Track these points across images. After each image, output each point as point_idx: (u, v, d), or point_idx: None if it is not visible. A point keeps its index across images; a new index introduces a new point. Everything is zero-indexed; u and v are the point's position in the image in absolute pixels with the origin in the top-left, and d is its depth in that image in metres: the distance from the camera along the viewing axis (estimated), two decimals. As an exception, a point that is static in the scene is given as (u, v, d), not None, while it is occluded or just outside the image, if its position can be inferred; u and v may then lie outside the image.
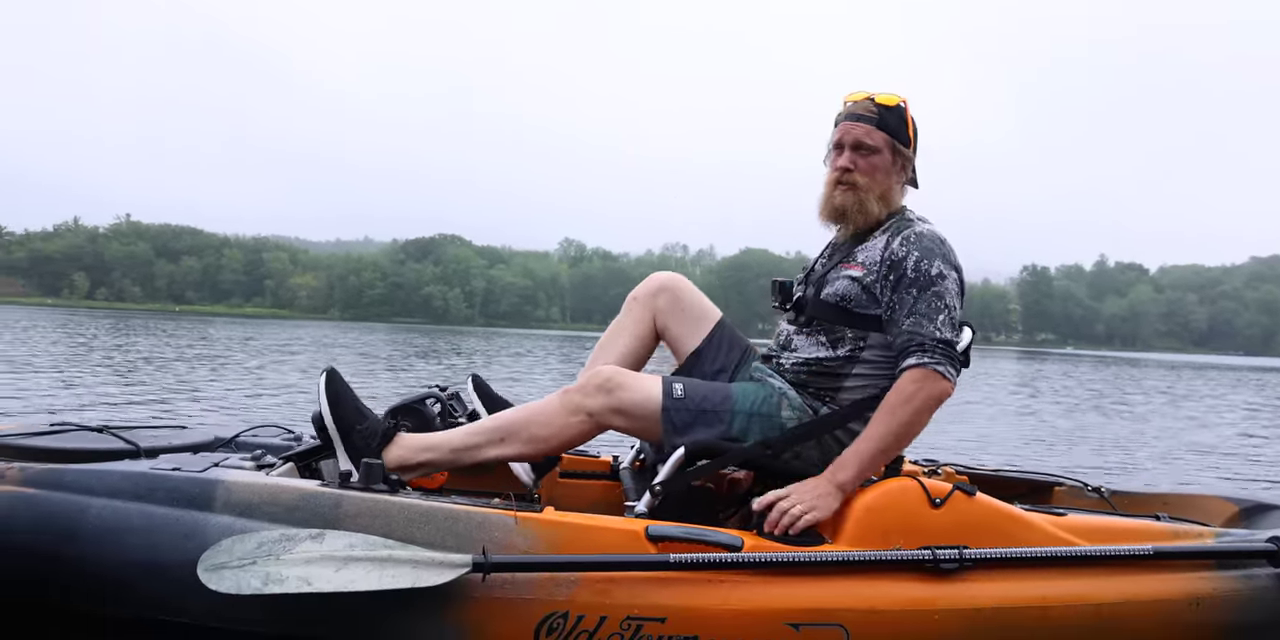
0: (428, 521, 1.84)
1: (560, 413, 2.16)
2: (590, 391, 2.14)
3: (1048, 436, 7.91)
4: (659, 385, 2.16)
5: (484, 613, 1.79)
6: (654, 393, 2.14)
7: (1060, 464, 5.87)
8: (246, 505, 1.85)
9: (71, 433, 2.44)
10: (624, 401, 2.13)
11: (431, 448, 2.15)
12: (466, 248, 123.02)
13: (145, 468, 1.94)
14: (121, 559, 1.82)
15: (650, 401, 2.14)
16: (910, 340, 2.11)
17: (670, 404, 2.13)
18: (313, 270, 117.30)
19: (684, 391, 2.16)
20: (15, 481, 1.92)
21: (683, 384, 2.18)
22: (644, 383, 2.17)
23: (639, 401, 2.13)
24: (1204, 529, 2.30)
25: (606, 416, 2.14)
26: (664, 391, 2.15)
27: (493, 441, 2.15)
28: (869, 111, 2.24)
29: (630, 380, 2.17)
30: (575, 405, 2.15)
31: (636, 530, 1.89)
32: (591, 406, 2.13)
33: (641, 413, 2.14)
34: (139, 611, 1.87)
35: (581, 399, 2.15)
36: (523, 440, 2.16)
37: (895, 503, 2.02)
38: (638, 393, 2.14)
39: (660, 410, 2.13)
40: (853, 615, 1.88)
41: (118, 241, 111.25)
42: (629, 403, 2.13)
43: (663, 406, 2.13)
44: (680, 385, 2.17)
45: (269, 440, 2.61)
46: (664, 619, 1.82)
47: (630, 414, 2.14)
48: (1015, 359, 41.79)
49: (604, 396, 2.13)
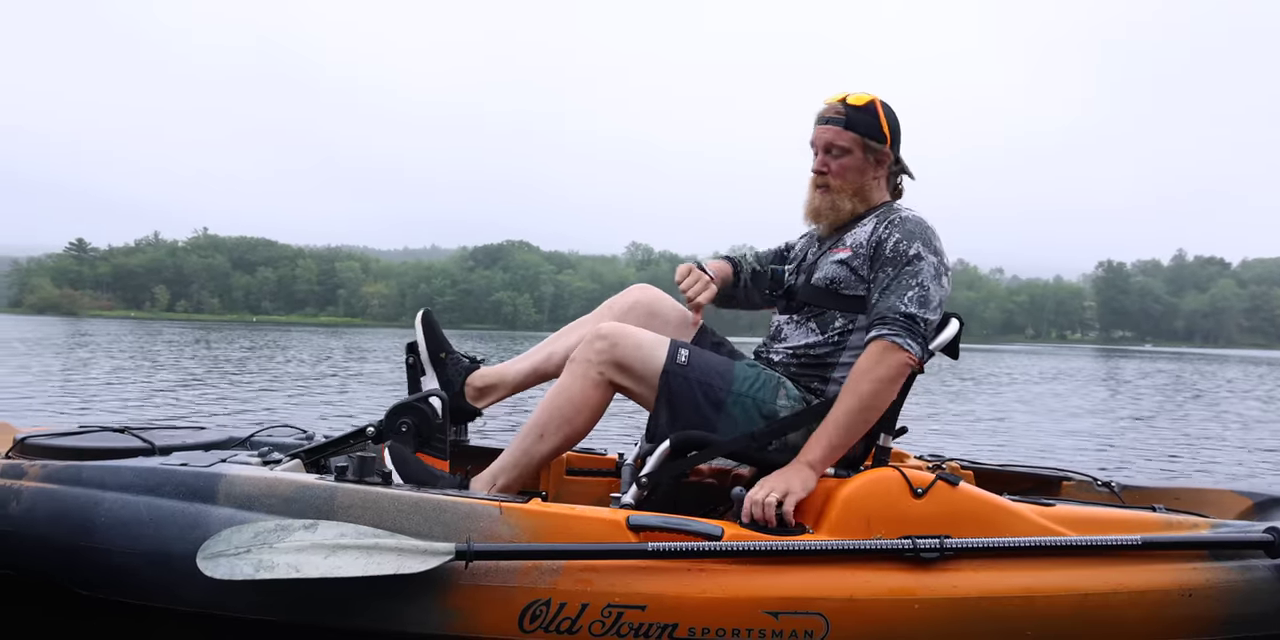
0: (417, 512, 1.92)
1: (574, 382, 2.20)
2: (596, 345, 2.18)
3: (1113, 435, 7.71)
4: (664, 347, 2.18)
5: (469, 600, 1.86)
6: (658, 352, 2.17)
7: (1115, 462, 5.75)
8: (246, 498, 1.95)
9: (95, 433, 2.58)
10: (627, 355, 2.16)
11: (498, 474, 2.23)
12: (534, 253, 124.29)
13: (155, 463, 2.06)
14: (132, 549, 1.94)
15: (653, 360, 2.16)
16: (877, 316, 2.15)
17: (672, 368, 2.16)
18: (384, 279, 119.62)
19: (688, 359, 2.18)
20: (37, 478, 2.06)
21: (689, 351, 2.20)
22: (648, 340, 2.19)
23: (642, 358, 2.16)
24: (1200, 520, 2.27)
25: (611, 371, 2.17)
26: (669, 355, 2.17)
27: (534, 440, 2.22)
28: (838, 113, 2.30)
29: (634, 335, 2.19)
30: (584, 362, 2.19)
31: (618, 520, 1.95)
32: (598, 360, 2.17)
33: (642, 371, 2.17)
34: (148, 598, 1.99)
35: (587, 354, 2.19)
36: (557, 426, 2.21)
37: (877, 492, 2.04)
38: (642, 349, 2.17)
39: (660, 373, 2.16)
40: (832, 604, 1.90)
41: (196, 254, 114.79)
42: (632, 357, 2.16)
43: (664, 369, 2.16)
44: (686, 352, 2.20)
45: (282, 439, 2.73)
46: (644, 607, 1.87)
47: (631, 370, 2.17)
48: (1091, 357, 40.68)
49: (609, 348, 2.17)
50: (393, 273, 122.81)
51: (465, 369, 2.44)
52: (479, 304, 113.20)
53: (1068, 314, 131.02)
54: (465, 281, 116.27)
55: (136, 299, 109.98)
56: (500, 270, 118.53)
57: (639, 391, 2.21)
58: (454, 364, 2.44)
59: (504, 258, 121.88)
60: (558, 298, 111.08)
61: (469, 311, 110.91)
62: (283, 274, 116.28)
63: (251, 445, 2.67)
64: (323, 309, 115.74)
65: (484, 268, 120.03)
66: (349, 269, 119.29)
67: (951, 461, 2.86)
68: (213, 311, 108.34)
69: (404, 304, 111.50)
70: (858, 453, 2.29)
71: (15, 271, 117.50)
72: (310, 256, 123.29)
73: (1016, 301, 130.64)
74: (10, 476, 2.08)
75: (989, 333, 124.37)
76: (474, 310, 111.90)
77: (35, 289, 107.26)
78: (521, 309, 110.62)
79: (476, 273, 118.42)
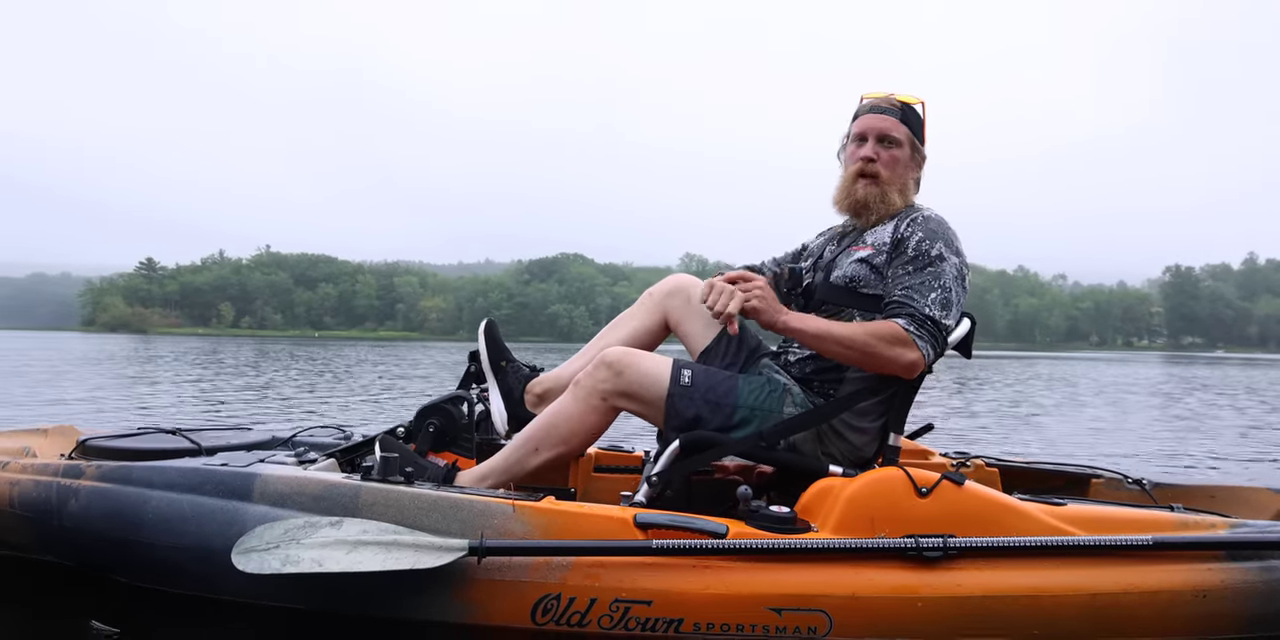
0: (435, 509, 2.03)
1: (575, 405, 2.27)
2: (599, 373, 2.24)
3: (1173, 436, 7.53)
4: (668, 370, 2.23)
5: (483, 593, 1.96)
6: (662, 376, 2.22)
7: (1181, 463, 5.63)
8: (279, 496, 2.08)
9: (149, 435, 2.75)
10: (632, 383, 2.22)
11: (487, 475, 2.32)
12: (589, 266, 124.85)
13: (198, 464, 2.21)
14: (176, 543, 2.08)
15: (657, 385, 2.22)
16: (900, 306, 2.17)
17: (676, 391, 2.21)
18: (441, 293, 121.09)
19: (691, 380, 2.24)
20: (93, 477, 2.24)
21: (691, 372, 2.26)
22: (653, 365, 2.24)
23: (646, 384, 2.22)
24: (1218, 520, 2.25)
25: (616, 399, 2.24)
26: (672, 377, 2.23)
27: (528, 453, 2.30)
28: (892, 106, 2.32)
29: (638, 361, 2.24)
30: (587, 391, 2.25)
31: (625, 517, 2.02)
32: (602, 389, 2.23)
33: (648, 396, 2.22)
34: (192, 590, 2.13)
35: (592, 383, 2.24)
36: (552, 444, 2.29)
37: (881, 492, 2.07)
38: (646, 375, 2.22)
39: (665, 396, 2.21)
40: (835, 601, 1.95)
41: (259, 271, 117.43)
42: (636, 385, 2.22)
43: (668, 393, 2.21)
44: (689, 372, 2.25)
45: (322, 439, 2.87)
46: (650, 602, 1.94)
47: (637, 396, 2.23)
48: (1160, 363, 39.62)
49: (612, 377, 2.22)
50: (450, 287, 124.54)
51: (525, 377, 2.54)
52: (535, 317, 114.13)
53: (1134, 320, 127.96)
54: (521, 294, 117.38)
55: (203, 316, 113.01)
56: (555, 283, 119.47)
57: (648, 413, 2.27)
58: (514, 372, 2.54)
59: (559, 270, 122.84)
60: (613, 309, 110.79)
61: (525, 324, 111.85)
62: (343, 289, 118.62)
63: (292, 445, 2.81)
64: (382, 323, 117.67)
65: (539, 281, 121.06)
66: (407, 284, 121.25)
67: (976, 459, 2.87)
68: (276, 327, 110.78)
69: (461, 318, 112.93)
70: (869, 454, 2.34)
71: (89, 291, 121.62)
72: (369, 272, 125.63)
73: (1081, 308, 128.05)
74: (70, 476, 2.25)
75: (1053, 340, 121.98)
76: (530, 323, 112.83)
77: (107, 307, 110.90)
78: (577, 321, 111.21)
79: (532, 286, 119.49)
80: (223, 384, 11.80)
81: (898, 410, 2.31)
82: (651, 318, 2.52)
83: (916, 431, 2.85)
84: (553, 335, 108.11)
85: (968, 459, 2.86)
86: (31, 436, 2.79)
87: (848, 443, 2.31)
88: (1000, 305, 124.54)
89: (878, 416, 2.32)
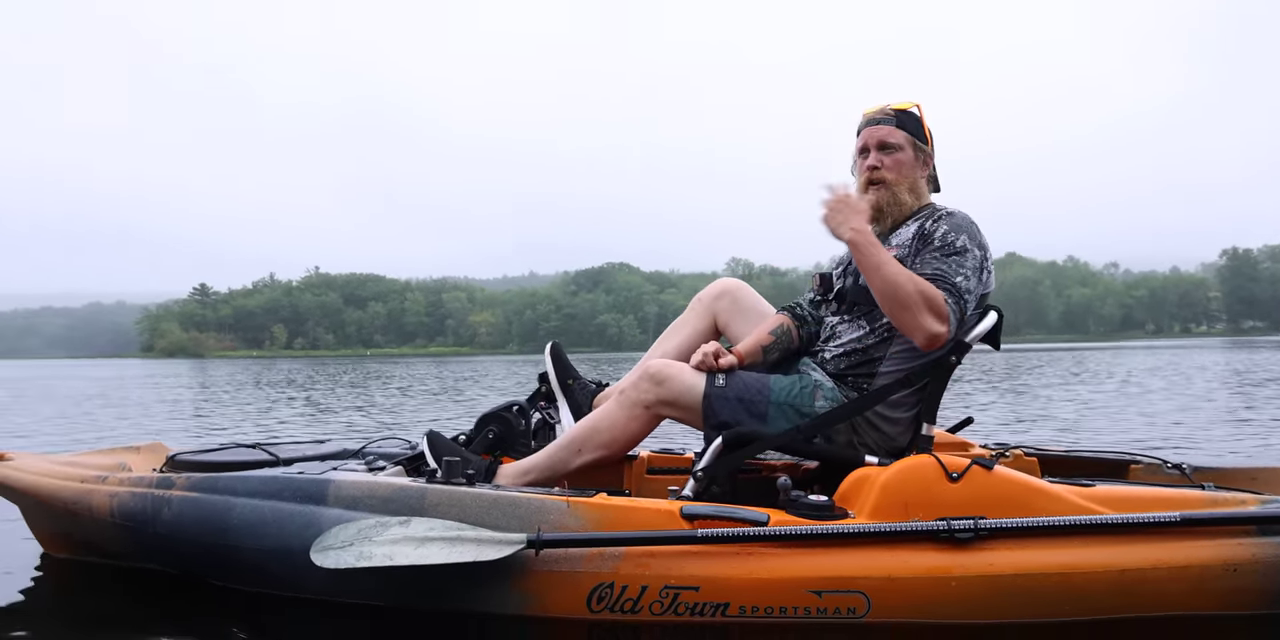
0: (495, 507, 2.19)
1: (619, 413, 2.45)
2: (642, 385, 2.42)
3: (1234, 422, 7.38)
4: (703, 375, 2.41)
5: (541, 584, 2.11)
6: (698, 382, 2.40)
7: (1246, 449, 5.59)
8: (352, 499, 2.26)
9: (232, 449, 2.96)
10: (672, 391, 2.40)
11: (529, 470, 2.49)
12: (635, 274, 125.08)
13: (278, 473, 2.41)
14: (259, 546, 2.27)
15: (694, 390, 2.39)
16: (939, 281, 2.29)
17: (712, 391, 2.38)
18: (489, 307, 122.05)
19: (725, 381, 2.40)
20: (183, 488, 2.44)
21: (724, 374, 2.42)
22: (689, 373, 2.42)
23: (684, 391, 2.39)
24: (1248, 497, 2.31)
25: (659, 407, 2.42)
26: (707, 380, 2.40)
27: (571, 453, 2.48)
28: (886, 115, 2.49)
29: (676, 371, 2.42)
30: (631, 401, 2.43)
31: (672, 510, 2.16)
32: (645, 399, 2.41)
33: (687, 401, 2.39)
34: (276, 589, 2.31)
35: (636, 395, 2.43)
36: (594, 447, 2.47)
37: (913, 478, 2.18)
38: (683, 383, 2.40)
39: (702, 398, 2.38)
40: (872, 582, 2.06)
41: (310, 293, 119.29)
42: (677, 392, 2.40)
43: (705, 394, 2.38)
44: (722, 375, 2.42)
45: (389, 450, 3.08)
46: (698, 588, 2.07)
47: (678, 404, 2.40)
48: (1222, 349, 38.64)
49: (655, 388, 2.40)
50: (497, 301, 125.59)
51: (591, 392, 2.73)
52: (583, 328, 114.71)
53: (1191, 306, 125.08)
54: (569, 306, 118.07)
55: (256, 338, 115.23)
56: (603, 293, 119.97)
57: (688, 418, 2.44)
58: (581, 389, 2.73)
59: (605, 280, 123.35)
60: (661, 317, 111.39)
61: (574, 336, 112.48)
62: (392, 307, 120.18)
63: (361, 456, 3.01)
64: (432, 340, 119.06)
65: (586, 291, 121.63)
66: (455, 299, 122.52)
67: (1016, 449, 2.95)
68: (328, 347, 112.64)
69: (510, 331, 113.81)
70: (903, 444, 2.45)
71: (146, 318, 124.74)
72: (418, 289, 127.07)
73: (1135, 296, 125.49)
74: (163, 487, 2.46)
75: (1108, 330, 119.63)
76: (579, 334, 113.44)
77: (164, 333, 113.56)
78: (626, 330, 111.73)
79: (579, 297, 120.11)
80: (287, 401, 12.15)
81: (930, 401, 2.42)
82: (702, 322, 2.71)
83: (956, 425, 2.94)
84: (602, 345, 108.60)
85: (1007, 449, 2.93)
86: (126, 453, 3.03)
87: (882, 433, 2.43)
88: (1052, 297, 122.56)
89: (910, 407, 2.44)
